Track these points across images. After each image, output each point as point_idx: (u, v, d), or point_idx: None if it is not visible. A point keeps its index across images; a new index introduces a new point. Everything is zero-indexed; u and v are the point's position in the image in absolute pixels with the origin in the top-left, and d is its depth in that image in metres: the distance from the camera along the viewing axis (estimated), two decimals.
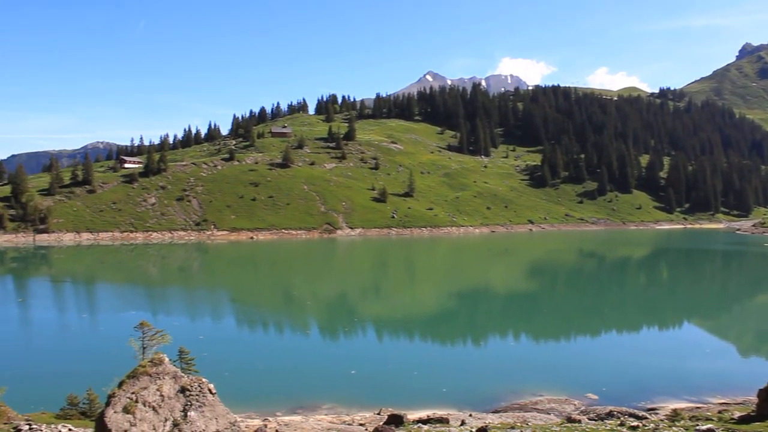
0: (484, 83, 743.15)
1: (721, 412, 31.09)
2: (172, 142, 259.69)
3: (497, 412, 34.99)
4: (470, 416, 32.86)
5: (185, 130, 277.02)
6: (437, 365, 46.59)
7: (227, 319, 68.10)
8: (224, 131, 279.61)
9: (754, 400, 26.93)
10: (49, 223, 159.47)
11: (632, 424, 26.49)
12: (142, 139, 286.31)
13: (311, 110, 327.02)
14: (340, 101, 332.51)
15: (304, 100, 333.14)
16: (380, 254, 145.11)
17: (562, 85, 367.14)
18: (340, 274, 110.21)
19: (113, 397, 15.12)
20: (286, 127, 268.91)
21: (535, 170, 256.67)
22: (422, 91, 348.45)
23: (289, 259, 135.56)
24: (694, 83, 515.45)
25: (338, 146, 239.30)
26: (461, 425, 29.24)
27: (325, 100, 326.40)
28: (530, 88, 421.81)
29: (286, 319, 67.28)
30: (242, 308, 74.61)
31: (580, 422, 28.88)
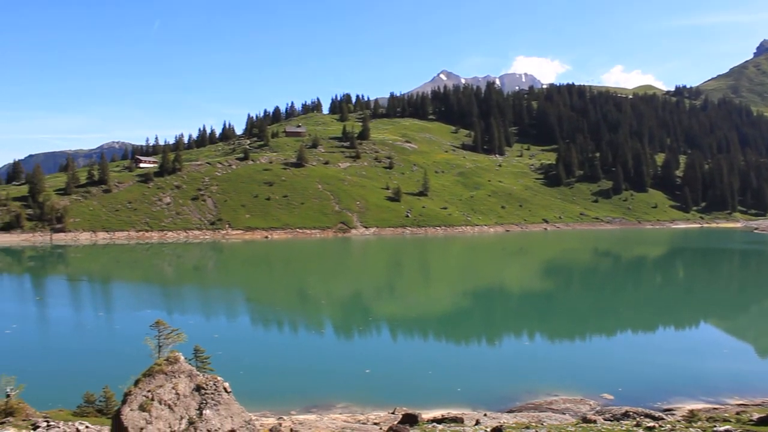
0: (498, 82, 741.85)
1: (739, 413, 30.82)
2: (187, 141, 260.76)
3: (512, 411, 34.88)
4: (485, 416, 32.74)
5: (200, 129, 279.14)
6: (452, 364, 46.51)
7: (242, 318, 68.36)
8: (239, 131, 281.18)
9: None
10: (65, 222, 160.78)
11: (648, 424, 26.29)
12: (157, 138, 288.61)
13: (325, 110, 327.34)
14: (354, 100, 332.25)
15: (318, 99, 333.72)
16: (395, 253, 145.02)
17: (576, 83, 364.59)
18: (354, 273, 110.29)
19: (129, 395, 15.19)
20: (300, 126, 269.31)
21: (549, 169, 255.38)
22: (436, 90, 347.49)
23: (303, 258, 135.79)
24: (710, 81, 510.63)
25: (352, 145, 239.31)
26: (476, 425, 29.14)
27: (339, 99, 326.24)
28: (545, 86, 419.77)
29: (300, 318, 67.39)
30: (257, 307, 74.88)
31: (595, 422, 28.71)
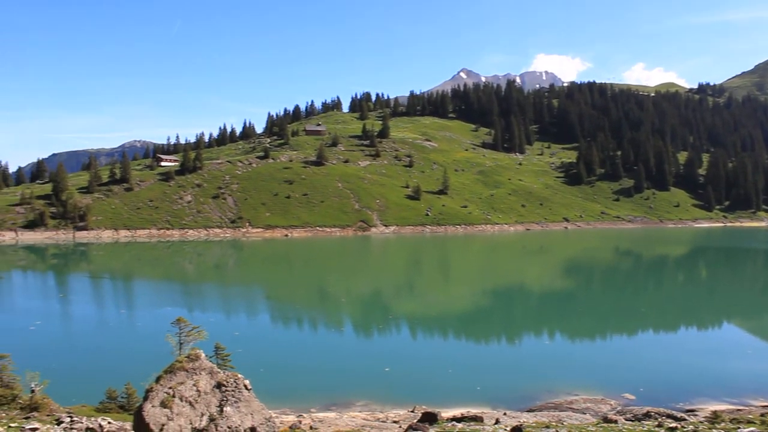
0: (518, 80, 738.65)
1: (763, 414, 30.41)
2: (207, 140, 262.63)
3: (532, 411, 34.71)
4: (504, 415, 32.61)
5: (221, 128, 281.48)
6: (471, 363, 46.38)
7: (262, 315, 68.64)
8: (259, 129, 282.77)
9: None
10: (88, 220, 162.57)
11: (670, 425, 26.02)
12: (178, 137, 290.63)
13: (345, 108, 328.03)
14: (374, 99, 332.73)
15: (338, 98, 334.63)
16: (414, 252, 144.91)
17: (597, 81, 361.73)
18: (374, 271, 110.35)
19: (151, 391, 15.31)
20: (320, 125, 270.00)
21: (570, 167, 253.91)
22: (456, 88, 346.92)
23: (323, 256, 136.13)
24: (734, 78, 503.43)
25: (372, 144, 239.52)
26: (495, 424, 29.02)
27: (359, 98, 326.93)
28: (565, 84, 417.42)
29: (320, 316, 67.55)
30: (277, 305, 75.15)
31: (616, 422, 28.47)
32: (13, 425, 20.88)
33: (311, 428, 29.24)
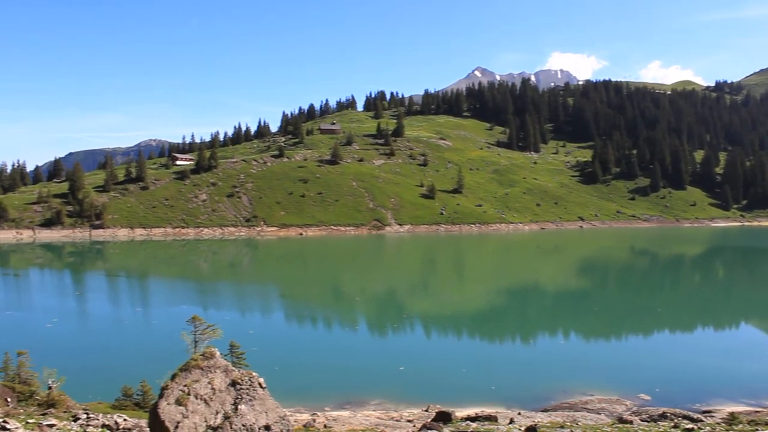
0: (533, 78, 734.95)
1: None
2: (222, 139, 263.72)
3: (546, 410, 34.56)
4: (519, 414, 32.50)
5: (235, 127, 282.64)
6: (486, 362, 46.27)
7: (277, 314, 68.83)
8: (273, 128, 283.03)
9: None
10: (104, 218, 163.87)
11: (687, 426, 25.80)
12: (193, 136, 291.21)
13: (359, 107, 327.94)
14: (388, 98, 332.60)
15: (352, 96, 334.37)
16: (429, 251, 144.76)
17: (613, 79, 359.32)
18: (388, 270, 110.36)
19: (166, 389, 15.36)
20: (334, 123, 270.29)
21: (585, 166, 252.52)
22: (471, 86, 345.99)
23: (338, 255, 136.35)
24: (752, 75, 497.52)
25: (387, 143, 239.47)
26: (510, 423, 28.90)
27: (373, 96, 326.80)
28: (581, 82, 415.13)
29: (334, 314, 67.65)
30: (291, 304, 75.35)
31: (631, 423, 28.26)
32: (30, 421, 21.07)
33: (325, 427, 29.29)
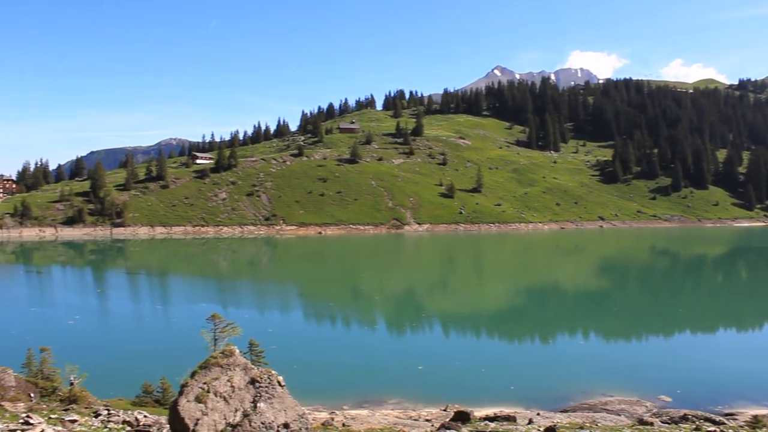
0: (553, 77, 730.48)
1: None
2: (242, 138, 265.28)
3: (566, 411, 34.32)
4: (538, 415, 32.30)
5: (255, 126, 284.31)
6: (505, 362, 46.05)
7: (296, 312, 69.03)
8: (293, 127, 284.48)
9: None
10: (125, 217, 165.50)
11: (708, 429, 25.47)
12: (213, 135, 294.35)
13: (379, 106, 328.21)
14: (407, 97, 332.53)
15: (371, 95, 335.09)
16: (448, 250, 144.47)
17: (634, 78, 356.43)
18: (407, 269, 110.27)
19: (186, 386, 15.42)
20: (354, 122, 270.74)
21: (606, 165, 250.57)
22: (490, 85, 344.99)
23: (357, 254, 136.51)
24: None
25: (406, 142, 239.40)
26: (528, 424, 28.72)
27: (392, 95, 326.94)
28: (601, 81, 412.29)
29: (353, 313, 67.71)
30: (311, 302, 75.50)
31: (652, 425, 27.92)
32: (53, 416, 21.29)
33: (344, 425, 29.29)
